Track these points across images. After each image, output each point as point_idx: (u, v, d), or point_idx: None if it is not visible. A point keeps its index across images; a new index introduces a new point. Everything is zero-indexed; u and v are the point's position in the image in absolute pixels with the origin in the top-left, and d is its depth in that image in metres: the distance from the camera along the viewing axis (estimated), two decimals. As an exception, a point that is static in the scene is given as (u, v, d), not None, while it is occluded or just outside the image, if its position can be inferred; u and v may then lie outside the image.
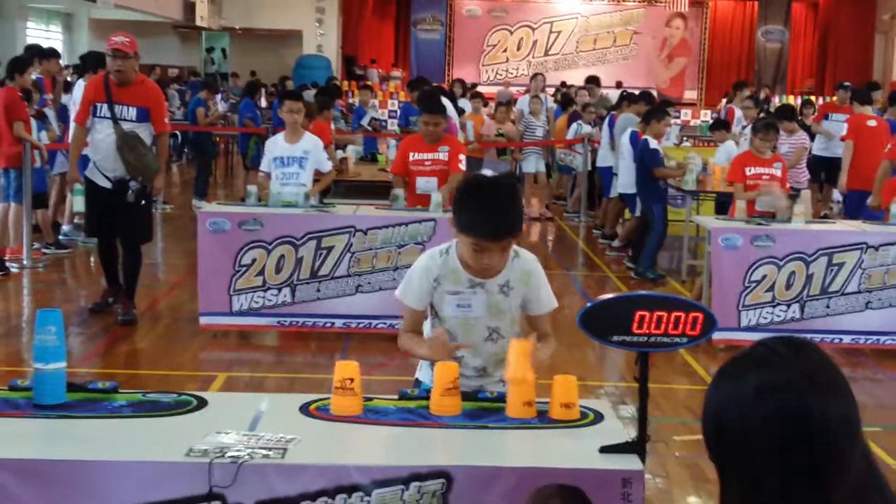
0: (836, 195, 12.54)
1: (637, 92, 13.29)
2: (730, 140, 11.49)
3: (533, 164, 13.98)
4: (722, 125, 12.13)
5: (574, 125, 14.19)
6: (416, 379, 3.59)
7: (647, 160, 9.71)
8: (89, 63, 10.60)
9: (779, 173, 8.11)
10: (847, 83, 14.68)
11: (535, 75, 15.80)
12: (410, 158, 7.58)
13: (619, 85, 23.70)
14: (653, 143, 9.68)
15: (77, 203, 7.91)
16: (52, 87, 11.55)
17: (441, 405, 3.01)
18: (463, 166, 7.57)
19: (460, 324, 3.34)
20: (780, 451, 1.58)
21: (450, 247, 3.36)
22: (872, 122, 10.66)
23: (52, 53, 11.62)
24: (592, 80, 17.00)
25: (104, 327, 7.57)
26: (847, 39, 27.94)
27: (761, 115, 12.07)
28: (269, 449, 2.68)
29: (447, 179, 7.43)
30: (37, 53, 11.36)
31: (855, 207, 10.01)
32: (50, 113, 10.84)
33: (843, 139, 9.99)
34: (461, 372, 3.20)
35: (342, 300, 7.17)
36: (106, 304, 7.87)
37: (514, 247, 3.36)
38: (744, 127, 12.59)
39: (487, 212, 3.17)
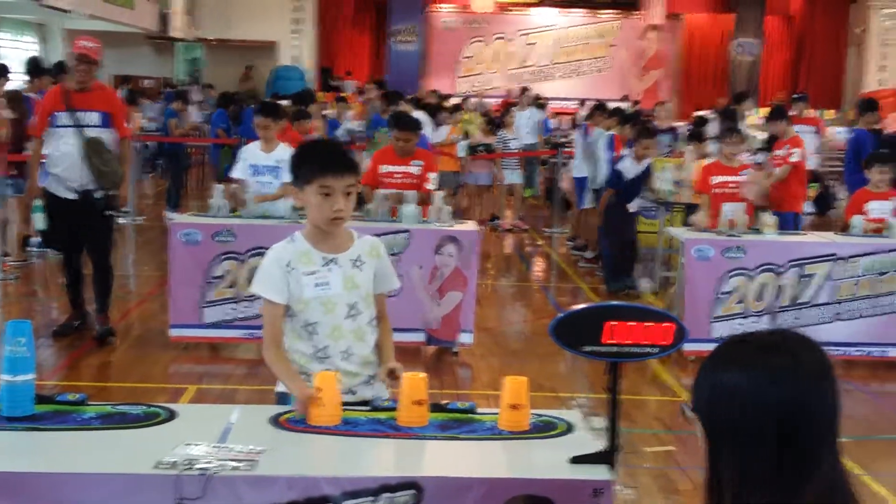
0: (808, 206, 12.58)
1: (610, 104, 13.38)
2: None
3: (509, 176, 14.04)
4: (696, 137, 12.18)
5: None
6: (279, 392, 3.52)
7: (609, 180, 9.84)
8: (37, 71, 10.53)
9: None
10: (798, 95, 14.76)
11: (523, 89, 15.92)
12: (380, 171, 7.63)
13: (625, 98, 23.76)
14: (625, 164, 9.64)
15: (38, 221, 7.43)
16: None
17: (410, 417, 3.01)
18: (431, 186, 7.63)
19: (322, 304, 3.35)
20: (777, 432, 1.70)
21: (294, 235, 3.45)
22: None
23: (44, 70, 11.28)
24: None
25: (74, 340, 7.51)
26: (820, 52, 28.15)
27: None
28: (239, 461, 2.67)
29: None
30: (30, 69, 11.16)
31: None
32: None
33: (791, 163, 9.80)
34: (323, 367, 3.29)
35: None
36: (71, 328, 7.60)
37: (356, 231, 3.53)
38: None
39: (327, 153, 3.44)
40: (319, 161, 3.35)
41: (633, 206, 9.84)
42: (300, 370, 3.39)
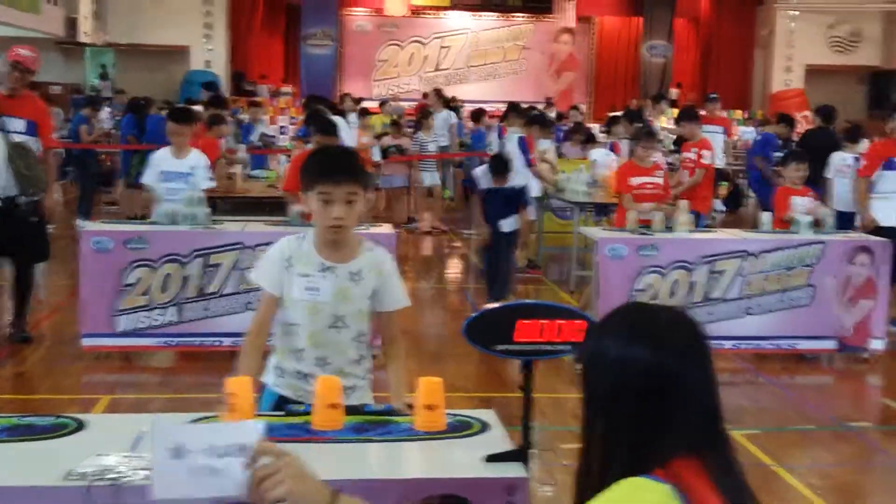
0: (719, 204, 12.84)
1: (523, 105, 13.52)
2: (598, 147, 11.90)
3: (427, 178, 14.08)
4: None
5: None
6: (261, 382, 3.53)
7: None
8: None
9: (661, 181, 8.30)
10: (714, 94, 15.12)
11: (436, 91, 15.98)
12: None
13: (548, 101, 23.89)
14: (480, 171, 8.99)
15: None
16: None
17: (324, 420, 2.99)
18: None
19: (307, 308, 3.37)
20: (640, 393, 1.78)
21: (306, 233, 3.46)
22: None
23: None
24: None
25: (-17, 351, 7.34)
26: (728, 54, 28.69)
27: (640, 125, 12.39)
28: (151, 469, 2.63)
29: None
30: None
31: None
32: None
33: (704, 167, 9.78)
34: (297, 367, 3.39)
35: (231, 318, 7.08)
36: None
37: (371, 242, 3.51)
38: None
39: (329, 160, 3.39)
40: (319, 167, 3.32)
41: (505, 226, 8.75)
42: (277, 364, 3.47)
